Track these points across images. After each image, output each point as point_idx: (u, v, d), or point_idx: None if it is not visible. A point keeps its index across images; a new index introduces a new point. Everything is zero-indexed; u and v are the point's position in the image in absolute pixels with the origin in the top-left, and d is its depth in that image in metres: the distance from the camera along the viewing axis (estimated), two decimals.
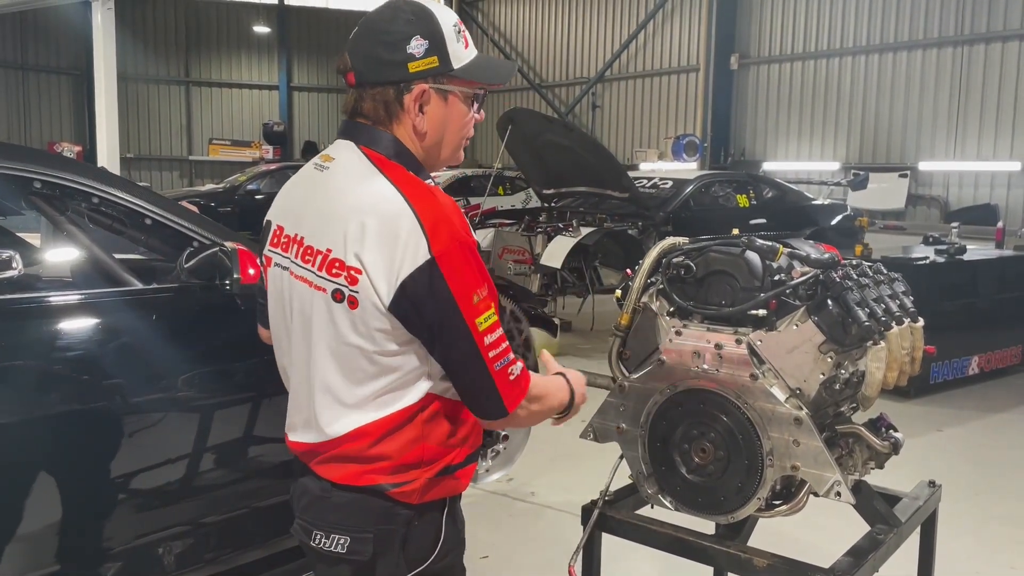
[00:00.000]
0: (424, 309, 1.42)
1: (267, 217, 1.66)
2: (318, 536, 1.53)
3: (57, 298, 2.26)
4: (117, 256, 2.46)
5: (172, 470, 2.36)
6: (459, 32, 1.54)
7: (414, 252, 1.40)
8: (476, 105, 1.60)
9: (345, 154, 1.53)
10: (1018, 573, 3.46)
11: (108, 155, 6.58)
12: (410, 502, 1.52)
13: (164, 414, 2.33)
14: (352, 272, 1.43)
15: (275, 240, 1.59)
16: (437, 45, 1.50)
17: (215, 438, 2.43)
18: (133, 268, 2.44)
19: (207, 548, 2.51)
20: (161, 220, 2.39)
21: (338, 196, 1.49)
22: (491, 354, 1.46)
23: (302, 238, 1.52)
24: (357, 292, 1.43)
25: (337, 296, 1.46)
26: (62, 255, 2.79)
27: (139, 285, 2.36)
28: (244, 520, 2.59)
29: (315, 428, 1.54)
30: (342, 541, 1.51)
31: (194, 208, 2.85)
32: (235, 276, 2.26)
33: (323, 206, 1.50)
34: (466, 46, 1.55)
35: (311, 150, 18.04)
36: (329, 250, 1.47)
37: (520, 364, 1.51)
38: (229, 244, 2.32)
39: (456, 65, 1.52)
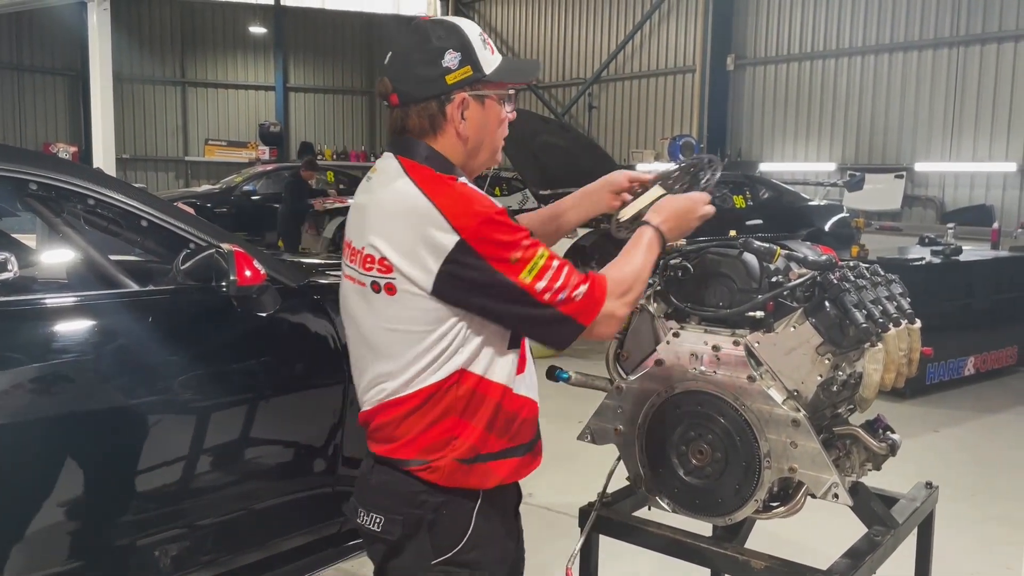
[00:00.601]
0: (468, 286, 1.56)
1: None
2: (361, 513, 1.71)
3: (53, 300, 2.25)
4: (113, 258, 2.45)
5: (168, 472, 2.35)
6: (484, 41, 1.69)
7: (442, 238, 1.54)
8: (508, 105, 1.74)
9: (384, 163, 1.71)
10: (1014, 573, 3.47)
11: (104, 156, 6.57)
12: (437, 483, 1.63)
13: (160, 416, 2.32)
14: (383, 263, 1.60)
15: (344, 252, 1.76)
16: (468, 55, 1.65)
17: (211, 440, 2.43)
18: (129, 270, 2.43)
19: (203, 550, 2.50)
20: (157, 222, 2.38)
21: (372, 199, 1.67)
22: (547, 295, 1.57)
23: (350, 241, 1.71)
24: (393, 279, 1.59)
25: (375, 287, 1.62)
26: (58, 257, 2.79)
27: (135, 287, 2.36)
28: (241, 522, 2.59)
29: (367, 400, 1.71)
30: (378, 520, 1.67)
31: (190, 210, 2.84)
32: (232, 278, 2.26)
33: (362, 210, 1.69)
34: (492, 52, 1.70)
35: (307, 151, 18.01)
36: (363, 247, 1.64)
37: (584, 287, 1.60)
38: (225, 246, 2.31)
39: (488, 71, 1.67)
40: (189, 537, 2.47)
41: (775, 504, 1.95)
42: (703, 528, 2.09)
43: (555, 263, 1.58)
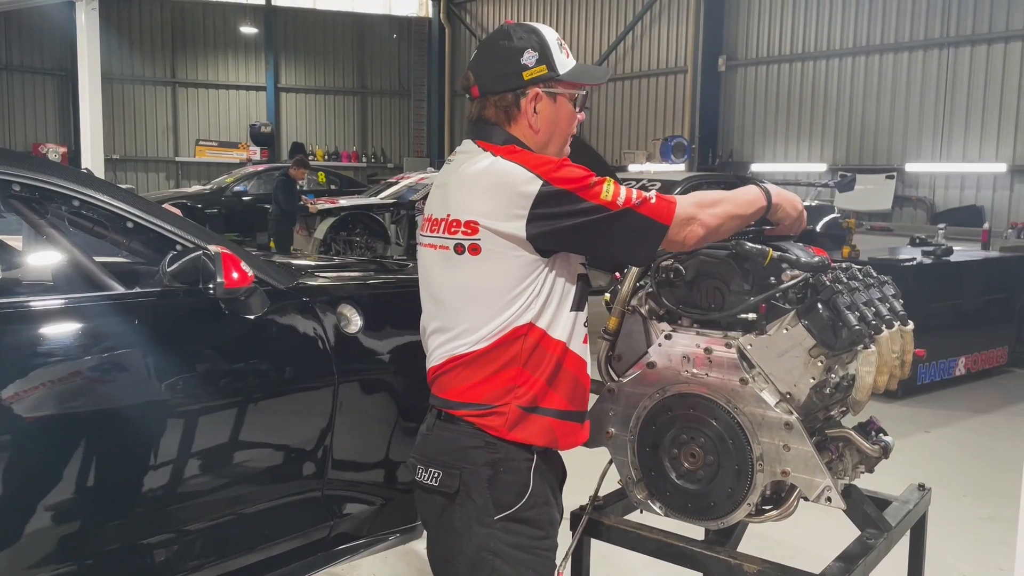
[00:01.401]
0: (558, 218, 1.70)
1: None
2: (420, 469, 1.83)
3: (38, 303, 2.22)
4: (99, 260, 2.42)
5: (155, 477, 2.33)
6: (561, 45, 1.87)
7: (527, 187, 1.70)
8: (578, 107, 1.90)
9: (464, 146, 1.88)
10: (1006, 574, 3.47)
11: (93, 157, 6.51)
12: (498, 436, 1.74)
13: (147, 420, 2.29)
14: (470, 224, 1.74)
15: (421, 227, 1.90)
16: (545, 56, 1.82)
17: (199, 444, 2.40)
18: (116, 272, 2.40)
19: (191, 555, 2.48)
20: (143, 223, 2.35)
21: (454, 175, 1.82)
22: (622, 203, 1.72)
23: (431, 214, 1.85)
24: (478, 240, 1.73)
25: (458, 249, 1.76)
26: (43, 259, 2.75)
27: (121, 289, 2.32)
28: (229, 527, 2.56)
29: (437, 355, 1.84)
30: (436, 474, 1.79)
31: (176, 211, 2.81)
32: (219, 280, 2.23)
33: (444, 186, 1.84)
34: (567, 56, 1.87)
35: (298, 151, 17.94)
36: (448, 215, 1.78)
37: (654, 192, 1.78)
38: (213, 247, 2.28)
39: (561, 71, 1.84)
40: (177, 542, 2.44)
41: (768, 507, 1.94)
42: (695, 532, 2.07)
43: (624, 188, 1.74)
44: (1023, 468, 3.24)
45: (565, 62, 1.85)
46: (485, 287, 1.75)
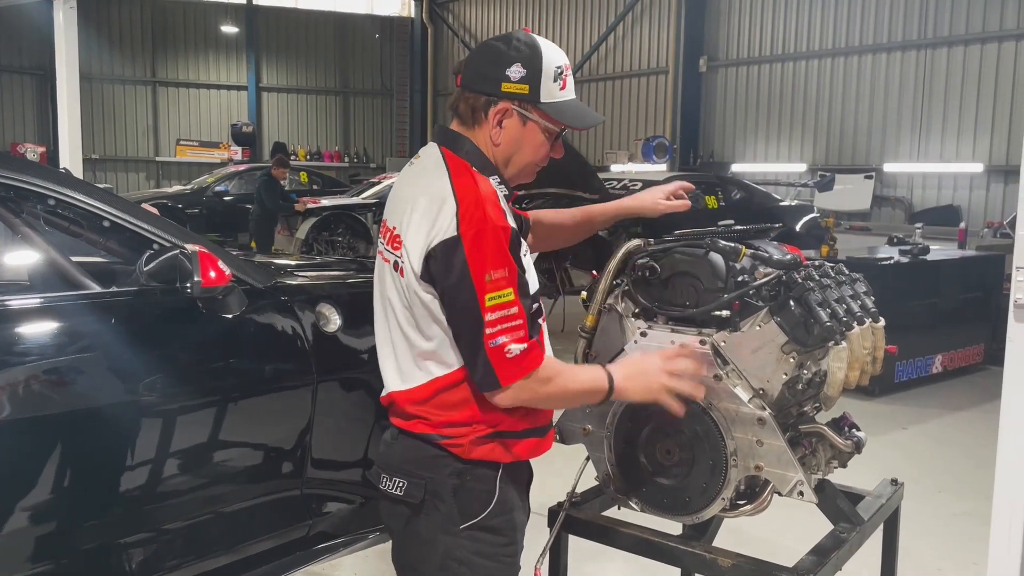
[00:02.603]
0: (443, 278, 1.64)
1: None
2: (384, 478, 1.79)
3: (13, 302, 2.20)
4: (76, 260, 2.41)
5: (133, 476, 2.32)
6: (560, 74, 1.75)
7: (445, 229, 1.63)
8: (555, 141, 1.79)
9: (427, 151, 1.81)
10: (980, 569, 3.51)
11: (71, 156, 6.45)
12: (459, 455, 1.72)
13: (124, 420, 2.28)
14: (401, 244, 1.70)
15: (381, 233, 1.85)
16: (533, 77, 1.72)
17: (177, 444, 2.39)
18: (93, 272, 2.39)
19: (170, 555, 2.47)
20: (119, 222, 2.34)
21: (408, 184, 1.79)
22: (489, 331, 1.62)
23: (385, 220, 1.81)
24: (403, 262, 1.69)
25: (396, 266, 1.72)
26: (19, 259, 2.73)
27: (97, 288, 2.32)
28: (208, 526, 2.55)
29: (386, 384, 1.81)
30: (401, 484, 1.76)
31: (154, 210, 2.80)
32: (196, 279, 2.22)
33: (398, 193, 1.80)
34: (563, 87, 1.75)
35: (280, 151, 17.86)
36: (394, 227, 1.74)
37: (524, 346, 1.64)
38: (190, 246, 2.27)
39: (543, 100, 1.73)
40: (155, 541, 2.43)
41: (742, 502, 1.97)
42: (672, 527, 2.09)
43: (515, 309, 1.64)
44: (996, 466, 3.30)
45: (556, 93, 1.74)
46: (412, 312, 1.71)
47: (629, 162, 15.03)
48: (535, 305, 1.74)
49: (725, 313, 1.90)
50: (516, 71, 1.71)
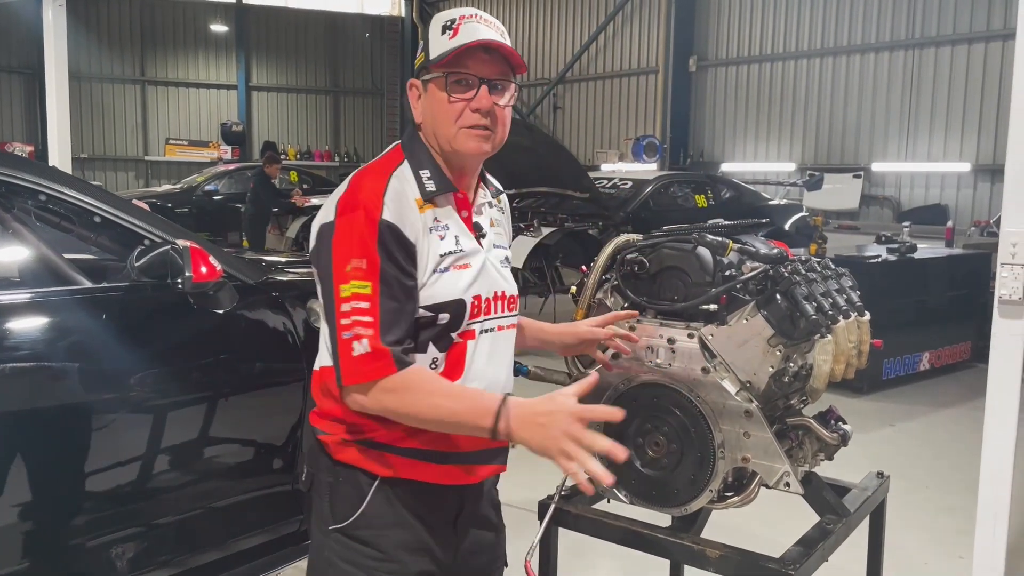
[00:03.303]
0: (316, 261, 1.58)
1: None
2: (304, 466, 1.73)
3: (3, 297, 2.21)
4: (68, 256, 2.41)
5: (124, 472, 2.33)
6: (450, 25, 1.59)
7: (328, 213, 1.57)
8: (472, 91, 1.58)
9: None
10: (966, 562, 3.54)
11: (60, 155, 6.43)
12: (330, 454, 1.64)
13: (116, 415, 2.29)
14: None
15: None
16: (425, 43, 1.62)
17: (168, 439, 2.40)
18: (84, 267, 2.40)
19: (161, 550, 2.48)
20: (110, 218, 2.35)
21: None
22: (343, 321, 1.51)
23: None
24: None
25: None
26: (9, 254, 2.74)
27: (88, 284, 2.32)
28: (199, 521, 2.56)
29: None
30: (302, 471, 1.72)
31: (145, 206, 2.80)
32: (187, 274, 2.24)
33: None
34: (453, 35, 1.58)
35: (270, 150, 17.80)
36: None
37: (368, 348, 1.48)
38: (181, 242, 2.29)
39: (433, 55, 1.59)
40: (146, 537, 2.44)
41: (729, 494, 1.99)
42: (660, 519, 2.11)
43: (367, 304, 1.49)
44: (981, 461, 3.33)
45: (444, 44, 1.58)
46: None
47: (619, 161, 15.07)
48: (443, 317, 1.58)
49: (713, 307, 1.93)
50: (420, 50, 1.64)
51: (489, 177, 1.82)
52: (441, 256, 1.60)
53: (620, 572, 3.56)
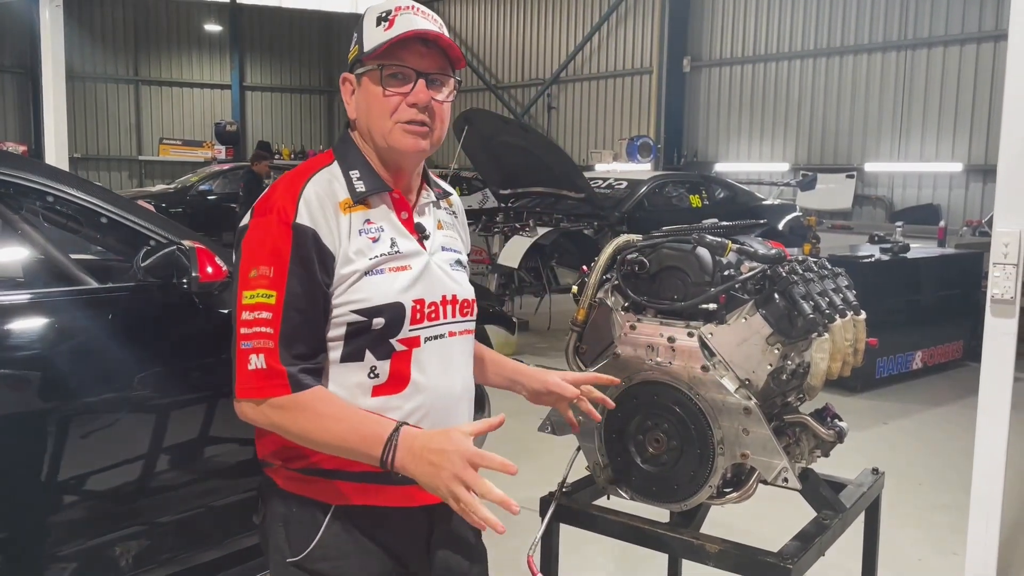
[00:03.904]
0: (232, 264, 1.54)
1: None
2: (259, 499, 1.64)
3: (12, 297, 2.23)
4: (74, 256, 2.44)
5: (129, 471, 2.35)
6: (385, 17, 1.50)
7: (246, 216, 1.50)
8: (409, 85, 1.50)
9: None
10: (959, 559, 3.59)
11: (56, 155, 6.44)
12: (279, 485, 1.56)
13: (120, 414, 2.32)
14: None
15: None
16: (359, 35, 1.54)
17: (172, 438, 2.42)
18: (90, 268, 2.42)
19: (163, 548, 2.50)
20: (117, 218, 2.37)
21: None
22: (243, 330, 1.44)
23: None
24: None
25: None
26: (13, 254, 2.76)
27: (94, 284, 2.35)
28: (201, 520, 2.58)
29: None
30: (258, 505, 1.62)
31: (150, 206, 2.83)
32: (194, 274, 2.26)
33: None
34: (389, 27, 1.49)
35: (264, 150, 17.79)
36: None
37: (264, 364, 1.41)
38: (187, 242, 2.31)
39: (367, 47, 1.51)
40: (149, 535, 2.46)
41: (728, 490, 2.02)
42: (660, 515, 2.14)
43: (267, 315, 1.41)
44: (974, 459, 3.38)
45: (381, 35, 1.49)
46: None
47: (614, 161, 15.13)
48: (377, 322, 1.49)
49: (712, 306, 1.96)
50: (354, 40, 1.55)
51: (435, 178, 1.72)
52: (372, 259, 1.50)
53: (618, 567, 3.59)
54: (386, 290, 1.50)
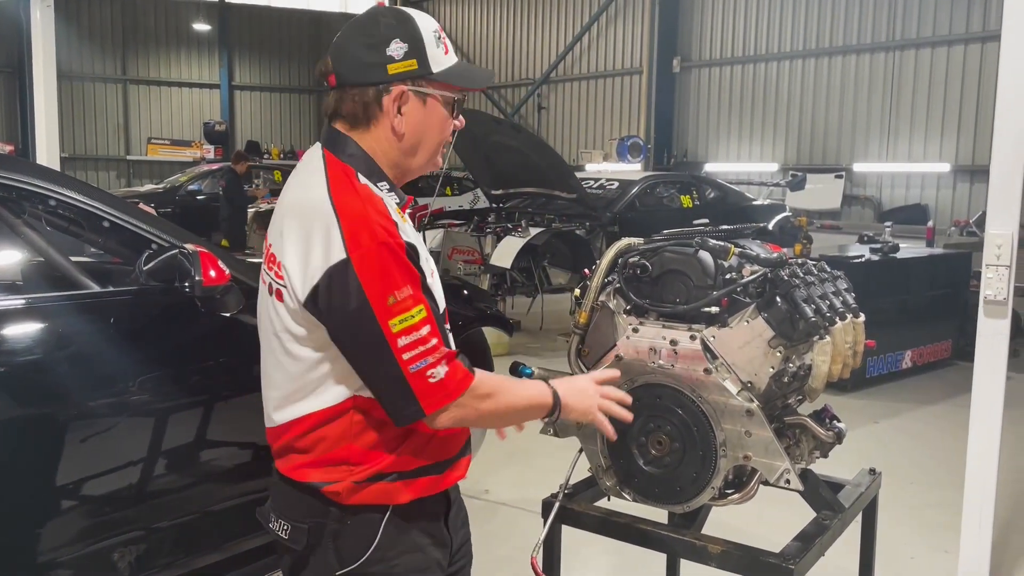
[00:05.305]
0: (337, 309, 1.44)
1: None
2: (272, 518, 1.62)
3: (14, 302, 2.22)
4: (75, 259, 2.44)
5: (130, 475, 2.35)
6: (439, 38, 1.57)
7: (329, 251, 1.43)
8: (456, 111, 1.61)
9: (309, 155, 1.60)
10: (952, 557, 3.63)
11: (47, 155, 6.42)
12: (339, 502, 1.54)
13: (122, 419, 2.31)
14: (278, 267, 1.50)
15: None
16: (416, 49, 1.54)
17: (173, 442, 2.43)
18: (91, 271, 2.42)
19: (163, 552, 2.50)
20: (119, 222, 2.37)
21: (285, 195, 1.59)
22: (406, 356, 1.44)
23: (268, 233, 1.60)
24: (284, 287, 1.49)
25: (270, 289, 1.54)
26: (11, 258, 2.75)
27: (97, 288, 2.34)
28: (201, 523, 2.59)
29: (267, 416, 1.63)
30: (286, 528, 1.59)
31: (151, 210, 2.83)
32: (197, 278, 2.26)
33: (279, 203, 1.59)
34: (446, 52, 1.58)
35: (253, 150, 17.76)
36: (270, 245, 1.56)
37: (443, 367, 1.46)
38: (190, 246, 2.31)
39: (435, 69, 1.55)
40: (148, 539, 2.46)
41: (730, 491, 2.04)
42: (659, 517, 2.16)
43: (427, 328, 1.45)
44: (967, 457, 3.41)
45: (442, 59, 1.56)
46: (290, 341, 1.52)
47: (604, 161, 15.16)
48: (441, 309, 1.57)
49: (714, 309, 1.98)
50: (398, 48, 1.52)
51: None
52: (427, 261, 1.57)
53: (619, 568, 3.61)
54: (438, 286, 1.60)
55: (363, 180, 1.52)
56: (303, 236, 1.46)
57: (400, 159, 1.59)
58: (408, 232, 1.52)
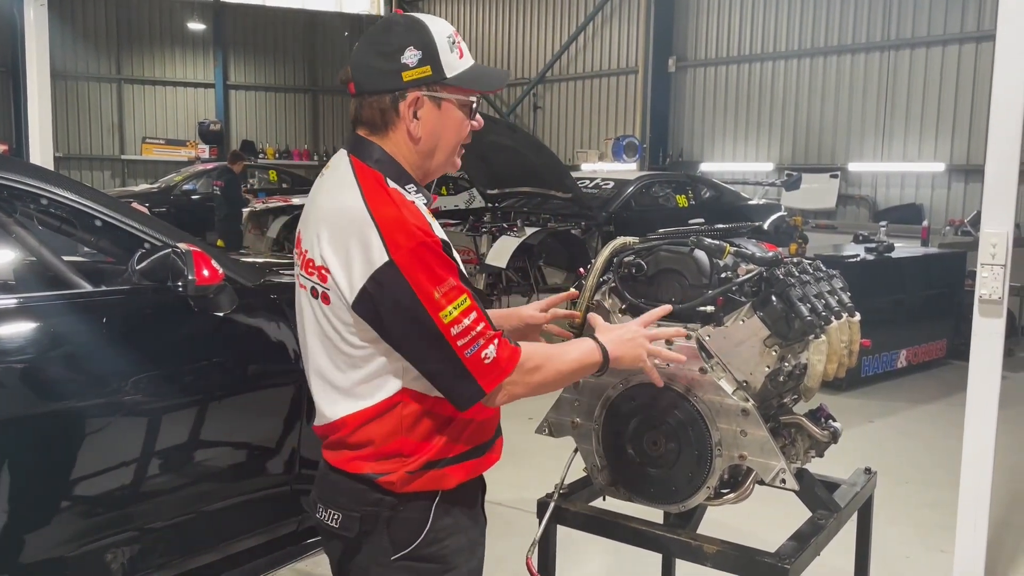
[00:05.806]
0: (387, 309, 1.53)
1: None
2: (321, 509, 1.70)
3: (5, 302, 2.21)
4: (67, 258, 2.42)
5: (125, 474, 2.34)
6: (453, 43, 1.64)
7: (371, 255, 1.51)
8: (472, 114, 1.69)
9: (336, 161, 1.68)
10: (947, 556, 3.63)
11: (41, 154, 6.39)
12: (392, 491, 1.63)
13: (115, 418, 2.30)
14: (322, 271, 1.58)
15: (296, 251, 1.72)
16: (430, 55, 1.60)
17: (166, 442, 2.41)
18: (83, 270, 2.41)
19: (157, 553, 2.49)
20: (111, 221, 2.36)
21: (317, 201, 1.65)
22: (460, 342, 1.53)
23: (299, 238, 1.68)
24: (329, 289, 1.57)
25: (314, 293, 1.61)
26: (3, 257, 2.73)
27: (89, 287, 2.33)
28: (195, 523, 2.58)
29: (318, 413, 1.71)
30: (336, 516, 1.67)
31: (144, 209, 2.82)
32: (190, 277, 2.25)
33: (309, 210, 1.67)
34: (460, 56, 1.65)
35: (248, 150, 17.71)
36: (307, 250, 1.63)
37: (494, 346, 1.56)
38: (182, 245, 2.30)
39: (449, 74, 1.62)
40: (142, 540, 2.45)
41: (725, 491, 2.04)
42: (655, 517, 2.16)
43: (475, 314, 1.55)
44: (962, 456, 3.42)
45: (456, 63, 1.63)
46: (339, 341, 1.60)
47: (600, 161, 15.16)
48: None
49: (710, 308, 1.97)
50: (411, 55, 1.59)
51: None
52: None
53: (612, 567, 3.61)
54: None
55: (392, 184, 1.60)
56: (343, 243, 1.54)
57: (419, 161, 1.67)
58: (438, 230, 1.61)
